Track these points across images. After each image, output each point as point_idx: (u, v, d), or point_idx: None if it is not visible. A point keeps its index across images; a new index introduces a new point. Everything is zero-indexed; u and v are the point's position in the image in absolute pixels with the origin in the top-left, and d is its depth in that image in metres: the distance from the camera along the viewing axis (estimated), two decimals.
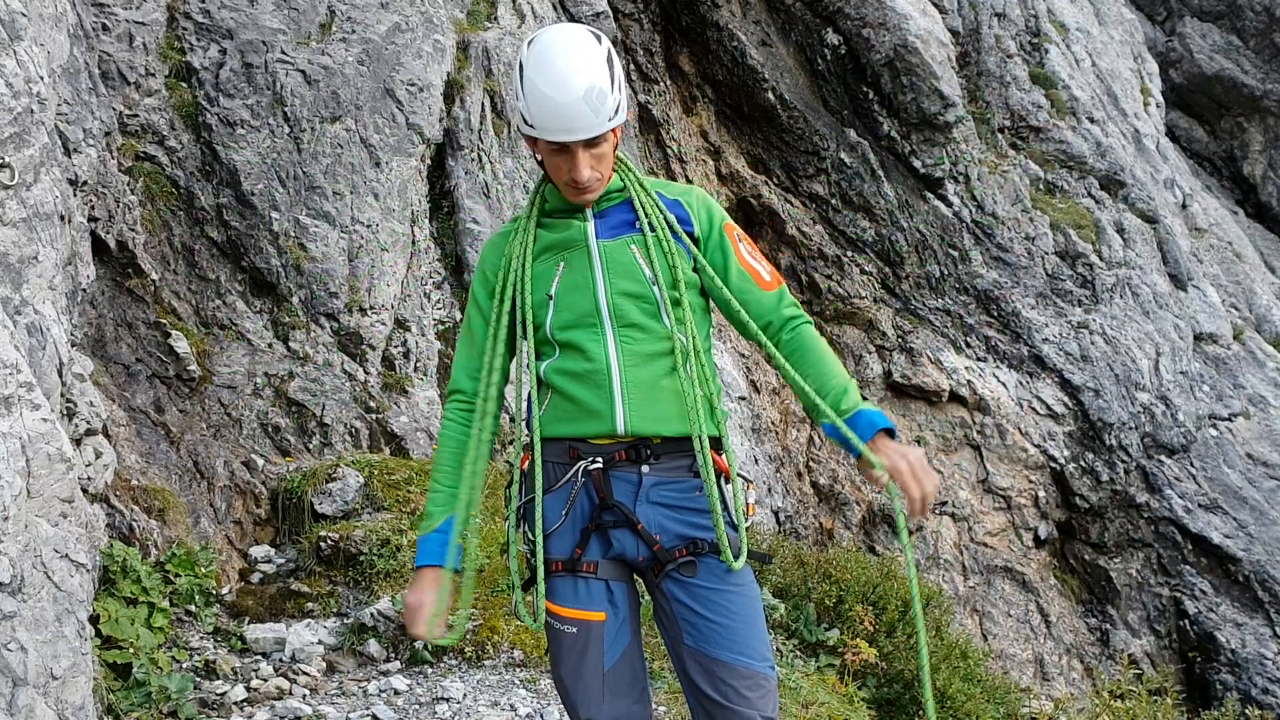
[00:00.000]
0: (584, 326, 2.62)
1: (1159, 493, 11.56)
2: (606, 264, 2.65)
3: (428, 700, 4.75)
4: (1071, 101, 13.00)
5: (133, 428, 6.01)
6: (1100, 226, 12.33)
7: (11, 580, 2.99)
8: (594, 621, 2.62)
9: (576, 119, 2.51)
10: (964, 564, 11.01)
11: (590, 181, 2.61)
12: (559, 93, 2.50)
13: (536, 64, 2.55)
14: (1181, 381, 12.21)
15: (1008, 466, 11.35)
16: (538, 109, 2.53)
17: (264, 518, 6.31)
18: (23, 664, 2.96)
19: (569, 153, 2.57)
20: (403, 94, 7.75)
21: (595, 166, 2.60)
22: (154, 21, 7.24)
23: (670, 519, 2.61)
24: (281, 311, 6.90)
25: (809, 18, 11.68)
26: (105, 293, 6.34)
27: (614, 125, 2.58)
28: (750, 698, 2.53)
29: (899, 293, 11.67)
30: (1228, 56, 20.00)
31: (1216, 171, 20.39)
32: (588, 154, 2.57)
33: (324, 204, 7.17)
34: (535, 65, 2.55)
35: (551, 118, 2.52)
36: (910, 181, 11.78)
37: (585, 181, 2.60)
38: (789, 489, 10.67)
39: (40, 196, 3.97)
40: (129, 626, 4.56)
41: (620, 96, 2.58)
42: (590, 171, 2.59)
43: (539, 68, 2.54)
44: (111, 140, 6.43)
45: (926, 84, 11.43)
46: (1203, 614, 11.39)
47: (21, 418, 3.14)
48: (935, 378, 11.34)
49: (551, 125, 2.53)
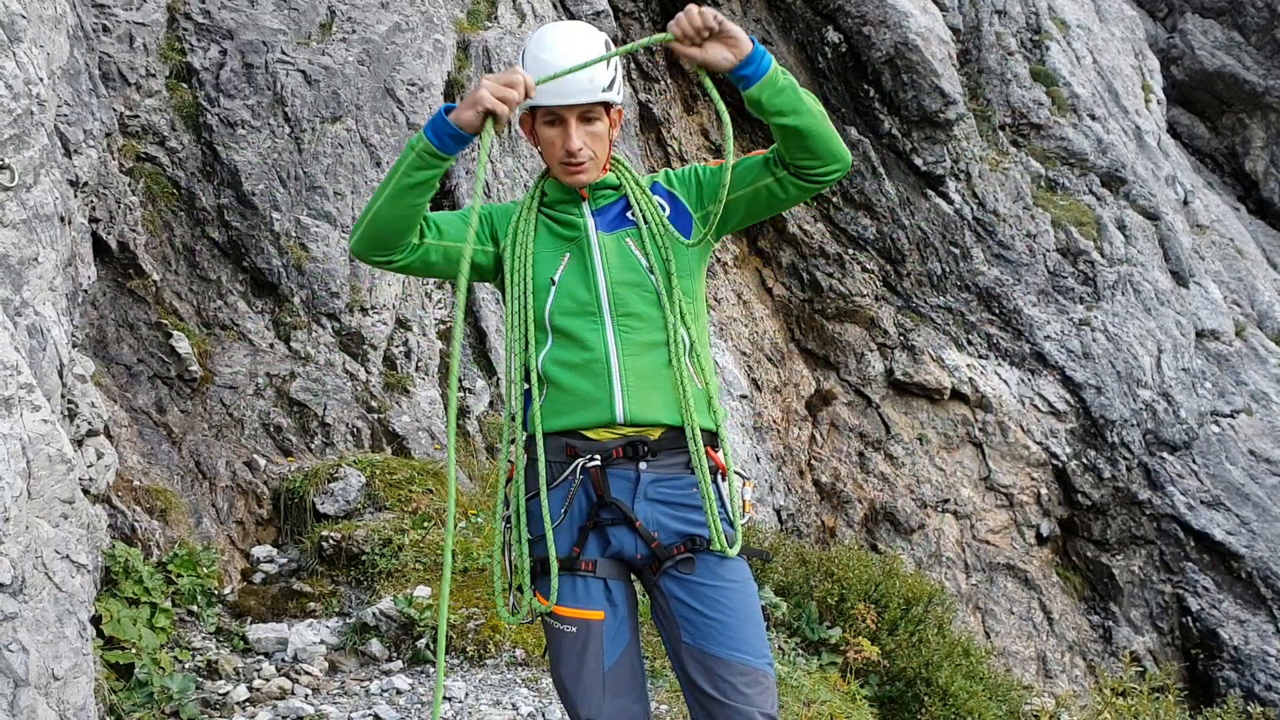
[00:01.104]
0: (582, 315, 2.66)
1: (1161, 490, 11.56)
2: (605, 255, 2.69)
3: (430, 700, 4.76)
4: (1072, 98, 12.99)
5: (134, 428, 6.02)
6: (1101, 223, 12.32)
7: (12, 581, 2.99)
8: (593, 620, 2.63)
9: (570, 82, 2.58)
10: (966, 561, 11.01)
11: (582, 155, 2.64)
12: (554, 56, 2.60)
13: (536, 38, 2.70)
14: (1183, 378, 12.20)
15: (1010, 464, 11.34)
16: (534, 71, 2.60)
17: (266, 518, 6.32)
18: (24, 665, 2.97)
19: (563, 125, 2.62)
20: (403, 94, 7.76)
21: (589, 143, 2.65)
22: (154, 22, 7.24)
23: (668, 516, 2.62)
24: (283, 311, 6.91)
25: (809, 15, 11.68)
26: (106, 293, 6.35)
27: (608, 99, 2.65)
28: (749, 694, 2.54)
29: (900, 290, 11.66)
30: (1229, 53, 19.97)
31: (1218, 168, 20.36)
32: (581, 128, 2.63)
33: (325, 204, 7.17)
34: (534, 40, 2.70)
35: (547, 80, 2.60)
36: (911, 179, 11.77)
37: (576, 151, 2.63)
38: (791, 487, 10.67)
39: (40, 198, 3.98)
40: (131, 627, 4.57)
41: (615, 74, 2.66)
42: (582, 144, 2.63)
43: (538, 41, 2.68)
44: (112, 141, 6.44)
45: (927, 81, 11.42)
46: (1205, 611, 11.38)
47: (22, 419, 3.15)
48: (937, 375, 11.34)
49: (547, 88, 2.59)
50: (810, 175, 2.62)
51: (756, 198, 2.71)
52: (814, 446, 11.22)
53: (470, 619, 5.32)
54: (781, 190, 2.68)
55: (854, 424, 11.34)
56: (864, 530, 10.92)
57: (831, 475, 11.06)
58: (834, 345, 11.52)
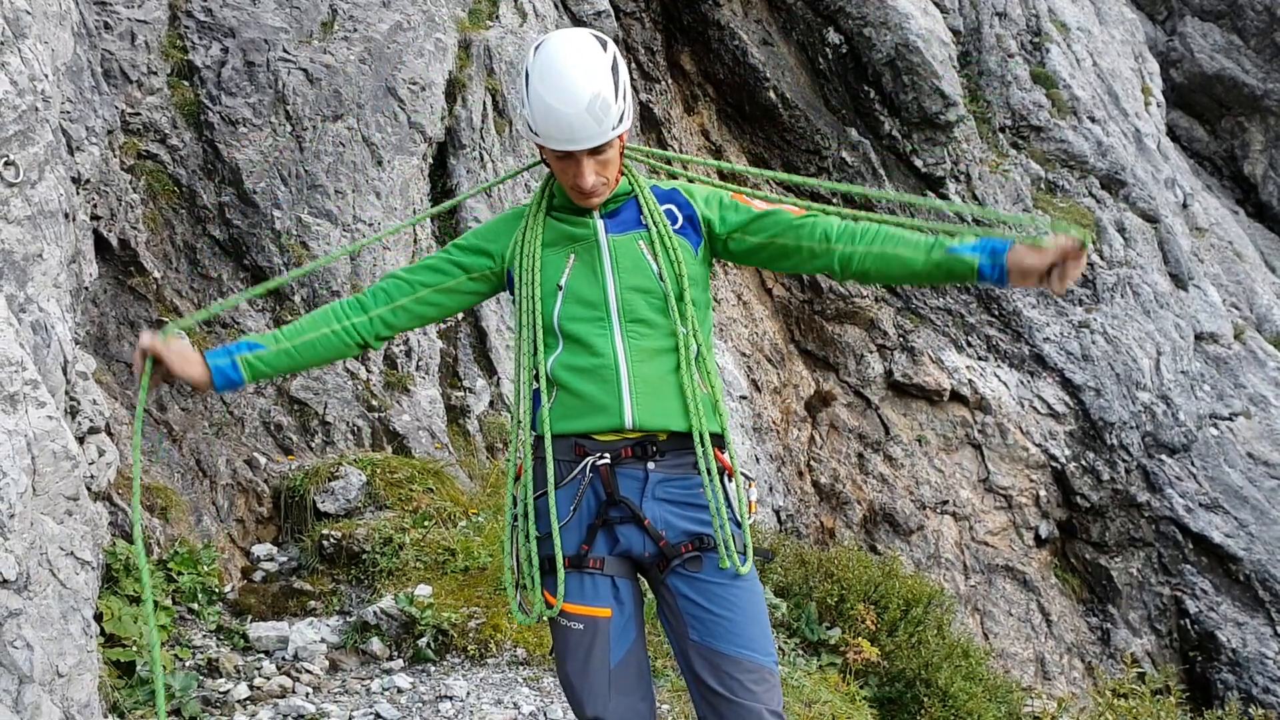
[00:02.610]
0: (591, 320, 2.66)
1: (1160, 492, 11.57)
2: (616, 259, 2.69)
3: (431, 698, 4.75)
4: (1072, 101, 13.01)
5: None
6: (1101, 226, 12.34)
7: (18, 578, 2.99)
8: (600, 618, 2.63)
9: (580, 129, 2.54)
10: (965, 563, 11.02)
11: (595, 187, 2.64)
12: (563, 104, 2.53)
13: (541, 74, 2.57)
14: (1182, 381, 12.21)
15: (1009, 466, 11.35)
16: (543, 119, 2.56)
17: (266, 516, 6.32)
18: (29, 661, 2.96)
19: (574, 160, 2.60)
20: (404, 93, 7.76)
21: (600, 173, 2.64)
22: (156, 20, 7.23)
23: (676, 515, 2.63)
24: (284, 310, 6.90)
25: (810, 17, 11.68)
26: (107, 291, 6.34)
27: (618, 133, 2.61)
28: (756, 691, 2.54)
29: (900, 292, 11.67)
30: (1228, 56, 20.00)
31: (1217, 171, 20.40)
32: (592, 161, 2.61)
33: (326, 202, 7.17)
34: (540, 75, 2.57)
35: (556, 128, 2.55)
36: (911, 181, 11.77)
37: (589, 188, 2.63)
38: (790, 488, 10.67)
39: (45, 194, 3.97)
40: (132, 625, 4.56)
41: (625, 105, 2.61)
42: (595, 178, 2.63)
43: (543, 78, 2.56)
44: (114, 139, 6.43)
45: (928, 83, 11.43)
46: (1203, 613, 11.39)
47: (27, 415, 3.15)
48: (936, 377, 11.34)
49: (556, 135, 2.56)
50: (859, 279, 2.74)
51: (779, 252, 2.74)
52: (813, 447, 11.22)
53: (471, 618, 5.31)
54: (814, 262, 2.74)
55: (853, 425, 11.35)
56: (863, 531, 10.92)
57: (831, 476, 11.06)
58: (833, 346, 11.52)
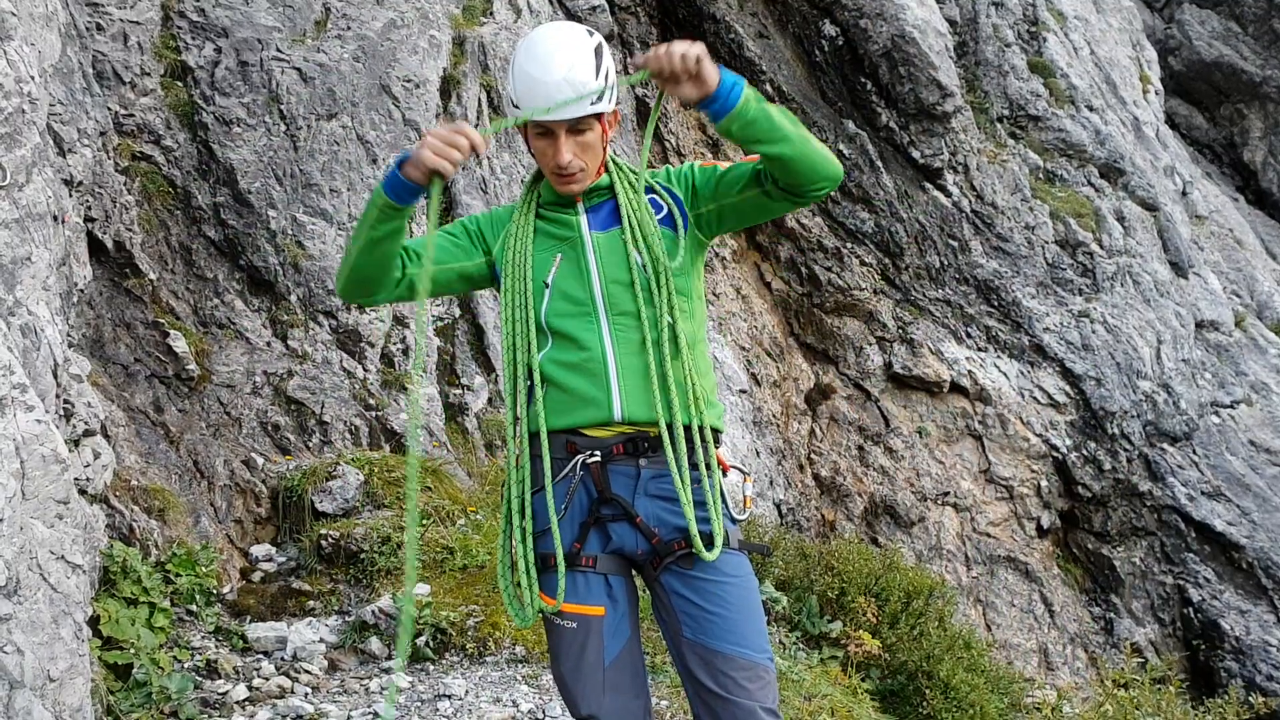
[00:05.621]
0: (578, 316, 2.66)
1: (1161, 481, 11.55)
2: (600, 255, 2.69)
3: (430, 697, 4.75)
4: (1070, 90, 12.97)
5: (132, 428, 6.00)
6: (1100, 215, 12.30)
7: (7, 583, 2.98)
8: (594, 616, 2.62)
9: (557, 96, 2.56)
10: (967, 554, 11.00)
11: (572, 166, 2.64)
12: (542, 71, 2.56)
13: (525, 48, 2.63)
14: (1183, 369, 12.19)
15: (1010, 456, 11.33)
16: (522, 87, 2.59)
17: (264, 516, 6.30)
18: (19, 666, 2.95)
19: (553, 139, 2.61)
20: (399, 90, 7.73)
21: (579, 154, 2.64)
22: (148, 20, 7.21)
23: (668, 512, 2.62)
24: (280, 310, 6.88)
25: (806, 9, 11.65)
26: (103, 293, 6.33)
27: (597, 111, 2.61)
28: (750, 689, 2.53)
29: (899, 284, 11.64)
30: (1226, 43, 19.95)
31: (1216, 158, 20.35)
32: (570, 140, 2.62)
33: (321, 201, 7.15)
34: (524, 49, 2.63)
35: (534, 95, 2.58)
36: (909, 172, 11.75)
37: (566, 165, 2.63)
38: (790, 481, 10.66)
39: (33, 197, 3.95)
40: (129, 627, 4.55)
41: (606, 86, 2.61)
42: (572, 157, 2.62)
43: (527, 51, 2.62)
44: (107, 140, 6.42)
45: (924, 74, 11.39)
46: (1206, 602, 11.38)
47: (15, 419, 3.13)
48: (936, 368, 11.32)
49: (534, 103, 2.57)
50: (797, 192, 2.61)
51: (745, 205, 2.71)
52: (813, 440, 11.20)
53: (470, 616, 5.31)
54: (770, 201, 2.68)
55: (853, 418, 11.33)
56: (864, 524, 10.91)
57: (831, 469, 11.05)
58: (833, 339, 11.50)
